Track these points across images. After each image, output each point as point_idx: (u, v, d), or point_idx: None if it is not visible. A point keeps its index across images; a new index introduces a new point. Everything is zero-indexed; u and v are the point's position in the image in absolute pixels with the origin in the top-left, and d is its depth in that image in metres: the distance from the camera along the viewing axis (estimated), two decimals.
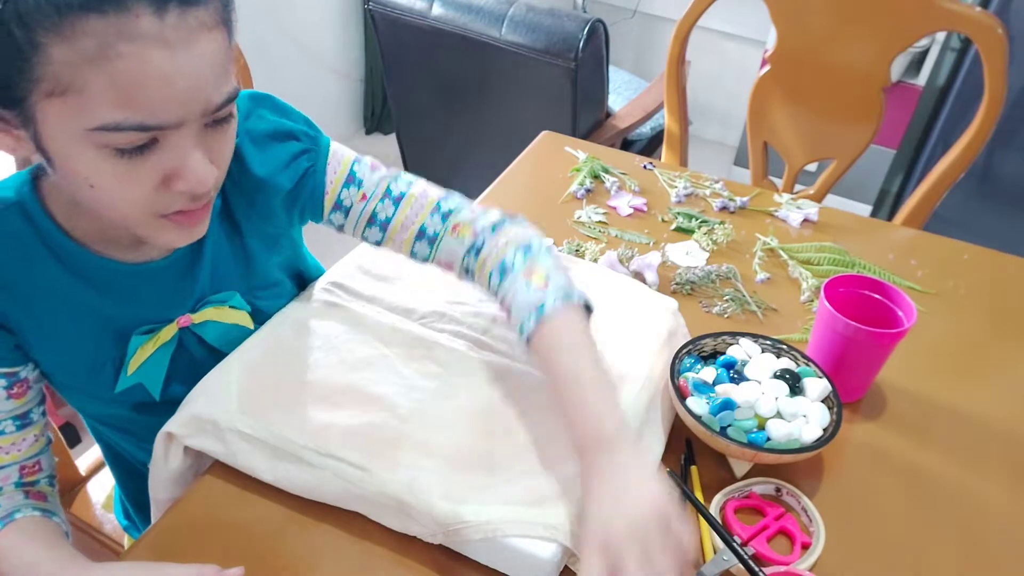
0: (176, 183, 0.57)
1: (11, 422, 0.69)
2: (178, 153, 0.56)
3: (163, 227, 0.61)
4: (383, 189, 0.77)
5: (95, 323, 0.69)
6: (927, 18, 1.22)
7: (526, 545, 0.62)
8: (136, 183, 0.56)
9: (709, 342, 0.83)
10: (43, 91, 0.52)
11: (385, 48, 1.86)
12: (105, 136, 0.53)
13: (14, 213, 0.64)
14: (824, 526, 0.69)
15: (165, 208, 0.59)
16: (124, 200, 0.57)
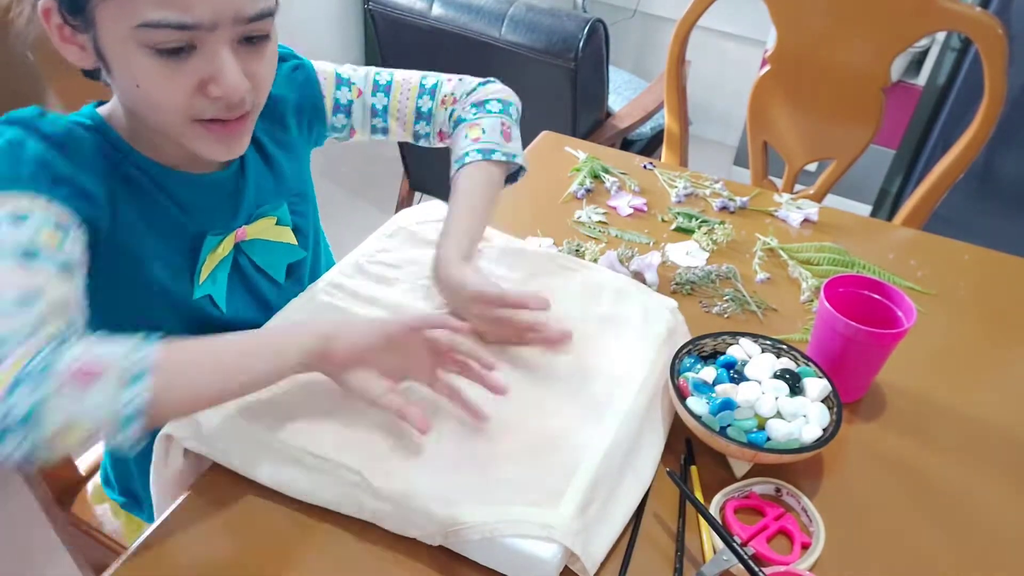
0: (211, 88, 0.64)
1: (79, 280, 0.62)
2: (214, 60, 0.63)
3: (201, 135, 0.67)
4: (371, 81, 0.90)
5: (171, 226, 0.74)
6: (927, 18, 1.22)
7: (526, 545, 0.62)
8: (175, 84, 0.63)
9: (709, 342, 0.83)
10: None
11: (385, 48, 1.86)
12: (148, 33, 0.60)
13: (94, 134, 0.70)
14: (824, 526, 0.69)
15: (201, 113, 0.66)
16: (165, 101, 0.64)
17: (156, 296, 0.75)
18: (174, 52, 0.61)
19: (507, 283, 0.89)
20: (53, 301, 0.58)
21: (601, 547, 0.65)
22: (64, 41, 0.64)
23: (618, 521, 0.68)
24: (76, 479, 1.06)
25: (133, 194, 0.71)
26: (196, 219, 0.76)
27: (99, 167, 0.69)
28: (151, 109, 0.66)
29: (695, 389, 0.76)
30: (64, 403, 0.52)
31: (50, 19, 0.63)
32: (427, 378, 0.72)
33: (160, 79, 0.63)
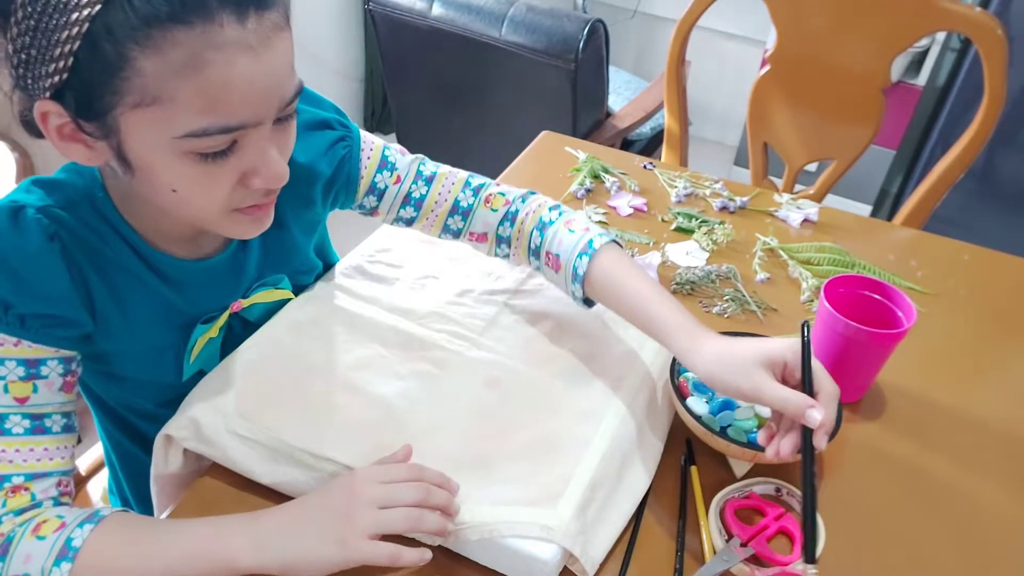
0: (253, 180, 0.60)
1: (60, 418, 0.65)
2: (256, 151, 0.59)
3: (237, 221, 0.64)
4: (415, 170, 0.83)
5: (163, 311, 0.71)
6: (927, 18, 1.22)
7: (526, 546, 0.62)
8: (217, 184, 0.59)
9: None
10: (129, 103, 0.53)
11: (385, 48, 1.86)
12: (191, 143, 0.55)
13: (87, 208, 0.66)
14: (824, 526, 0.69)
15: (241, 203, 0.62)
16: (204, 201, 0.60)
17: (143, 381, 0.74)
18: (218, 154, 0.57)
19: (507, 283, 0.89)
20: (16, 474, 0.62)
21: (601, 548, 0.65)
22: (65, 140, 0.57)
23: (618, 522, 0.68)
24: (76, 479, 1.06)
25: (123, 283, 0.68)
26: (190, 303, 0.73)
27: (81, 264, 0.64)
28: (185, 209, 0.62)
29: (695, 389, 0.76)
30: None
31: (48, 121, 0.56)
32: None
33: (200, 182, 0.58)
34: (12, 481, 0.62)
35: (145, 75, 0.52)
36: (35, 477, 0.63)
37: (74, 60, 0.52)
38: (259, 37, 0.54)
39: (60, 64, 0.52)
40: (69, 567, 0.58)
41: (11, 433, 0.62)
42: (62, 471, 0.65)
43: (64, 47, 0.51)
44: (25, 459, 0.63)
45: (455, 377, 0.77)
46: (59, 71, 0.53)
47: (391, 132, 2.89)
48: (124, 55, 0.51)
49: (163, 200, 0.61)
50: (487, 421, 0.73)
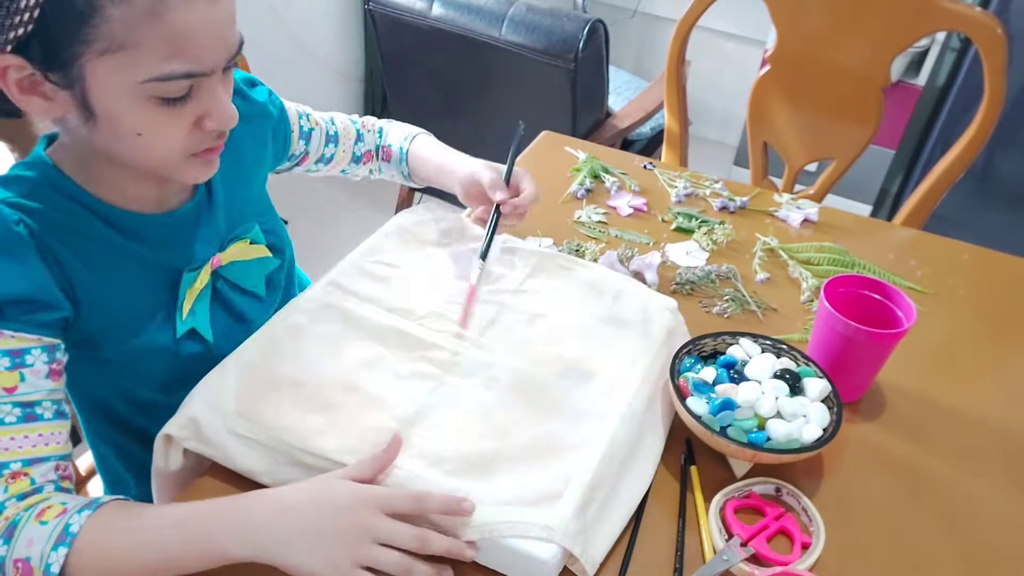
0: (207, 122, 0.65)
1: (50, 405, 0.65)
2: (209, 95, 0.64)
3: (192, 164, 0.68)
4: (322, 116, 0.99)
5: (144, 271, 0.73)
6: (927, 18, 1.22)
7: (525, 546, 0.62)
8: (176, 127, 0.64)
9: (709, 342, 0.83)
10: (96, 50, 0.57)
11: (385, 48, 1.86)
12: (155, 87, 0.59)
13: (45, 189, 0.68)
14: (824, 526, 0.69)
15: (197, 147, 0.67)
16: (165, 145, 0.64)
17: (136, 350, 0.74)
18: (178, 99, 0.62)
19: (507, 283, 0.89)
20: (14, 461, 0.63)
21: (601, 548, 0.65)
22: (24, 93, 0.60)
23: (618, 521, 0.68)
24: (76, 479, 1.06)
25: (98, 252, 0.69)
26: (168, 257, 0.75)
27: (53, 247, 0.66)
28: (146, 154, 0.65)
29: (695, 389, 0.76)
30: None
31: (8, 75, 0.58)
32: None
33: (162, 125, 0.63)
34: (10, 468, 0.62)
35: (112, 22, 0.55)
36: (32, 462, 0.64)
37: (40, 12, 0.54)
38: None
39: (26, 16, 0.54)
40: (65, 552, 0.59)
41: (3, 423, 0.63)
42: (58, 455, 0.66)
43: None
44: (20, 446, 0.63)
45: (455, 377, 0.77)
46: (23, 23, 0.55)
47: None
48: (93, 3, 0.54)
49: (125, 147, 0.64)
50: (487, 421, 0.73)
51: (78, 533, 0.59)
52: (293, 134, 0.95)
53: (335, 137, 1.00)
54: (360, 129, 1.04)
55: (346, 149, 1.02)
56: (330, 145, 1.00)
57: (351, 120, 1.04)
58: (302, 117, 0.96)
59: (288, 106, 0.94)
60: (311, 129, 0.97)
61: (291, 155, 0.97)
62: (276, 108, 0.90)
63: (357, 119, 1.05)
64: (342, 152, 1.02)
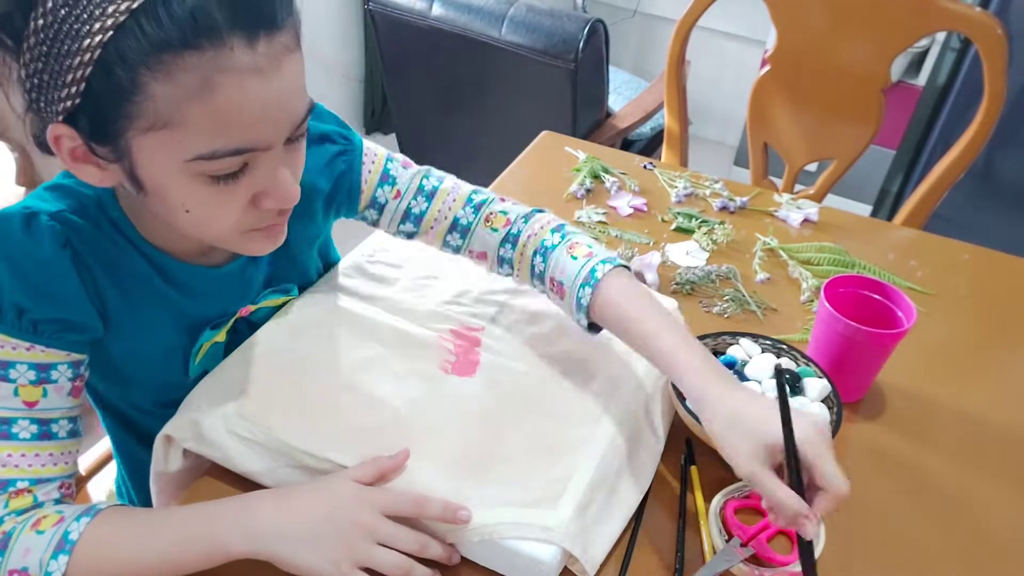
0: (265, 201, 0.61)
1: (66, 423, 0.65)
2: (267, 173, 0.59)
3: (251, 239, 0.64)
4: (416, 185, 0.81)
5: (172, 315, 0.72)
6: (927, 18, 1.22)
7: (526, 547, 0.62)
8: (228, 205, 0.60)
9: (709, 342, 0.83)
10: (141, 127, 0.54)
11: (385, 48, 1.86)
12: (202, 165, 0.56)
13: (98, 213, 0.66)
14: (824, 526, 0.69)
15: (255, 224, 0.63)
16: (217, 221, 0.61)
17: (149, 382, 0.75)
18: (229, 176, 0.57)
19: (506, 283, 0.89)
20: (21, 479, 0.62)
21: (601, 548, 0.65)
22: (79, 162, 0.58)
23: (618, 522, 0.68)
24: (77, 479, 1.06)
25: (133, 288, 0.68)
26: (201, 309, 0.74)
27: (93, 269, 0.65)
28: (198, 228, 0.62)
29: None
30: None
31: (61, 144, 0.57)
32: None
33: (212, 203, 0.59)
34: (16, 485, 0.62)
35: (156, 99, 0.52)
36: (39, 482, 0.63)
37: (86, 85, 0.52)
38: (269, 60, 0.54)
39: (72, 90, 0.52)
40: (66, 559, 0.58)
41: (18, 438, 0.62)
42: (66, 475, 0.66)
43: (76, 73, 0.52)
44: (30, 464, 0.63)
45: (455, 378, 0.77)
46: (71, 96, 0.53)
47: (391, 132, 2.89)
48: (136, 80, 0.51)
49: (175, 219, 0.61)
50: (487, 422, 0.73)
51: (78, 540, 0.59)
52: (359, 202, 0.81)
53: (418, 217, 0.81)
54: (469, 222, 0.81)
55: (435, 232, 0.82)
56: (407, 223, 0.82)
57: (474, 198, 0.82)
58: (383, 186, 0.81)
59: (372, 167, 0.80)
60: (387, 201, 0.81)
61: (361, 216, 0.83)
62: (330, 179, 0.78)
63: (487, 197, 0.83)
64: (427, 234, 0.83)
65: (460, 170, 0.88)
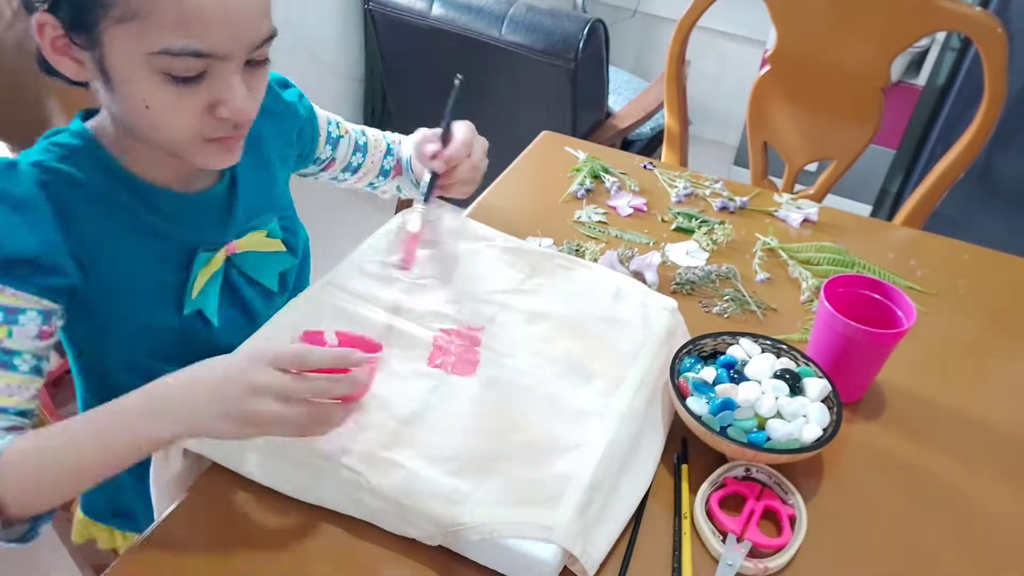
0: (220, 110, 0.66)
1: (30, 358, 0.66)
2: (224, 83, 0.64)
3: (206, 149, 0.69)
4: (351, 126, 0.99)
5: (162, 247, 0.75)
6: (927, 18, 1.22)
7: (526, 546, 0.62)
8: (186, 108, 0.64)
9: (709, 342, 0.83)
10: (113, 17, 0.59)
11: (385, 48, 1.86)
12: (164, 60, 0.61)
13: (83, 156, 0.70)
14: (800, 492, 0.71)
15: (210, 133, 0.67)
16: (174, 123, 0.65)
17: (140, 324, 0.75)
18: (189, 79, 0.63)
19: (506, 283, 0.89)
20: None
21: (601, 548, 0.65)
22: (58, 53, 0.64)
23: (618, 522, 0.68)
24: None
25: (120, 222, 0.72)
26: (187, 236, 0.76)
27: (74, 213, 0.68)
28: (156, 129, 0.66)
29: (695, 389, 0.76)
30: None
31: (44, 33, 0.62)
32: None
33: (171, 103, 0.64)
34: None
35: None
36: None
37: None
38: None
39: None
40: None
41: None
42: (19, 410, 0.66)
43: None
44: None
45: (455, 377, 0.77)
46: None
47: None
48: None
49: (137, 119, 0.66)
50: (486, 421, 0.73)
51: (3, 451, 0.60)
52: (320, 138, 0.95)
53: (364, 147, 1.01)
54: (391, 144, 1.05)
55: (375, 161, 1.02)
56: (358, 154, 1.00)
57: (383, 135, 1.05)
58: (331, 124, 0.97)
59: (318, 111, 0.95)
60: (339, 136, 0.98)
61: (317, 158, 0.97)
62: (305, 109, 0.91)
63: (389, 135, 1.06)
64: (370, 163, 1.02)
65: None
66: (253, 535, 0.67)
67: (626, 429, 0.73)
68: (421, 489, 0.65)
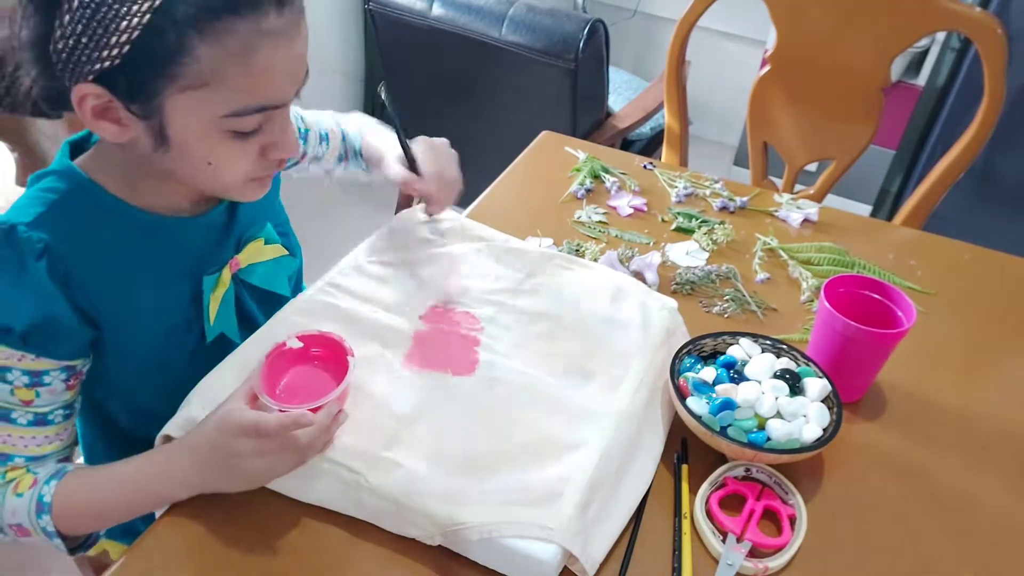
0: (272, 152, 0.68)
1: (61, 411, 0.70)
2: (278, 127, 0.67)
3: (250, 187, 0.70)
4: (317, 133, 0.99)
5: (169, 279, 0.74)
6: (927, 18, 1.22)
7: (526, 546, 0.62)
8: (245, 157, 0.66)
9: (709, 342, 0.83)
10: (179, 86, 0.59)
11: (385, 48, 1.86)
12: (233, 122, 0.62)
13: (76, 199, 0.68)
14: (800, 493, 0.71)
15: (260, 173, 0.69)
16: (233, 173, 0.67)
17: (158, 362, 0.75)
18: (250, 131, 0.64)
19: (506, 282, 0.89)
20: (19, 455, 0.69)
21: (601, 548, 0.65)
22: (98, 118, 0.61)
23: (618, 521, 0.68)
24: None
25: (125, 265, 0.70)
26: (193, 262, 0.75)
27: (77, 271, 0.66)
28: (213, 180, 0.67)
29: (695, 389, 0.76)
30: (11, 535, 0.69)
31: (85, 103, 0.60)
32: None
33: (234, 156, 0.65)
34: (14, 460, 0.68)
35: (201, 61, 0.57)
36: (35, 459, 0.70)
37: (130, 47, 0.56)
38: (292, 24, 0.61)
39: (116, 51, 0.56)
40: (49, 518, 0.66)
41: (16, 423, 0.67)
42: (61, 449, 0.72)
43: (123, 35, 0.55)
44: (27, 444, 0.69)
45: (454, 377, 0.77)
46: (112, 57, 0.56)
47: None
48: (184, 43, 0.56)
49: (192, 173, 0.66)
50: (486, 421, 0.73)
51: (51, 502, 0.66)
52: None
53: (327, 136, 1.00)
54: (344, 130, 1.03)
55: (334, 147, 1.02)
56: (323, 144, 1.00)
57: (335, 120, 1.04)
58: (298, 119, 0.96)
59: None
60: (307, 130, 0.97)
61: None
62: None
63: (336, 118, 1.04)
64: (332, 151, 1.01)
65: (460, 170, 0.91)
66: (252, 534, 0.67)
67: (625, 429, 0.73)
68: (421, 489, 0.65)
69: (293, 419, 0.63)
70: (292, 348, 0.72)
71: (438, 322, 0.83)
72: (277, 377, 0.71)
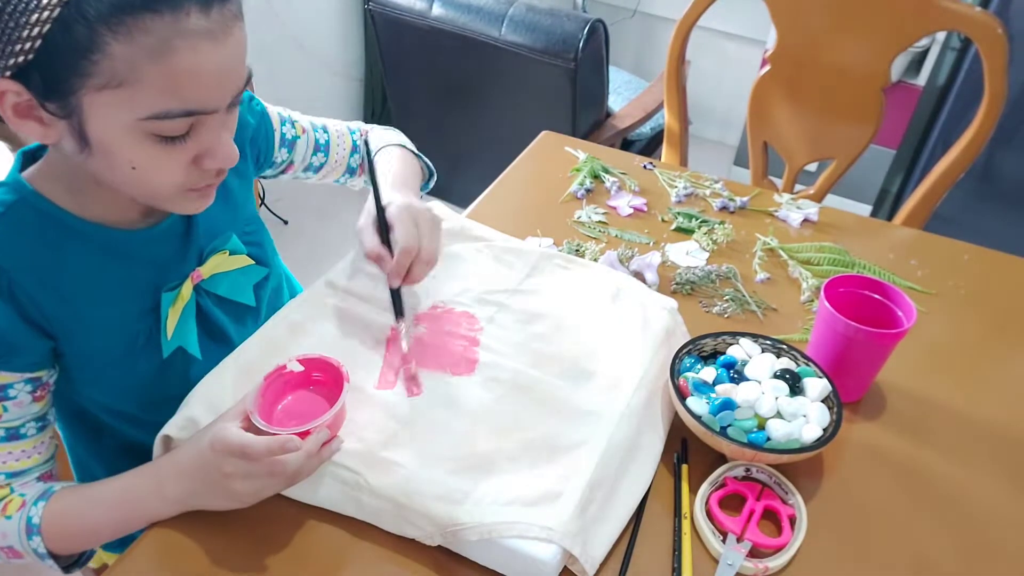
0: (206, 161, 0.64)
1: (33, 424, 0.70)
2: (211, 134, 0.63)
3: (186, 198, 0.67)
4: (310, 123, 0.94)
5: (125, 294, 0.72)
6: (927, 18, 1.22)
7: (525, 546, 0.62)
8: (173, 164, 0.62)
9: (709, 342, 0.83)
10: (95, 85, 0.56)
11: (385, 48, 1.86)
12: (153, 124, 0.58)
13: (23, 212, 0.67)
14: (800, 493, 0.71)
15: (195, 183, 0.66)
16: (161, 180, 0.63)
17: (120, 374, 0.75)
18: (176, 137, 0.60)
19: (506, 282, 0.89)
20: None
21: (600, 548, 0.65)
22: (21, 117, 0.59)
23: (618, 521, 0.68)
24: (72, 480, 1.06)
25: (77, 278, 0.69)
26: (150, 275, 0.74)
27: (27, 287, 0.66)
28: (140, 186, 0.64)
29: (695, 389, 0.76)
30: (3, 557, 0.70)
31: (5, 99, 0.57)
32: None
33: (158, 161, 0.61)
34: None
35: (114, 58, 0.54)
36: (14, 475, 0.69)
37: (42, 42, 0.54)
38: (221, 26, 0.57)
39: (27, 45, 0.54)
40: (39, 539, 0.67)
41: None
42: (41, 463, 0.71)
43: (34, 29, 0.53)
44: (4, 460, 0.69)
45: (454, 377, 0.77)
46: (24, 52, 0.54)
47: None
48: (95, 39, 0.54)
49: (119, 178, 0.63)
50: (486, 421, 0.73)
51: (40, 523, 0.67)
52: (275, 142, 0.90)
53: (325, 146, 0.95)
54: (357, 140, 0.99)
55: (339, 159, 0.97)
56: (319, 154, 0.95)
57: (349, 129, 0.99)
58: (285, 123, 0.91)
59: (271, 111, 0.90)
60: (295, 137, 0.92)
61: (273, 162, 0.92)
62: (255, 116, 0.86)
63: (357, 128, 1.00)
64: (334, 162, 0.97)
65: (460, 170, 0.90)
66: (252, 534, 0.67)
67: (625, 428, 0.73)
68: (420, 489, 0.65)
69: (280, 443, 0.63)
70: (293, 371, 0.71)
71: (438, 322, 0.83)
72: (277, 399, 0.71)
